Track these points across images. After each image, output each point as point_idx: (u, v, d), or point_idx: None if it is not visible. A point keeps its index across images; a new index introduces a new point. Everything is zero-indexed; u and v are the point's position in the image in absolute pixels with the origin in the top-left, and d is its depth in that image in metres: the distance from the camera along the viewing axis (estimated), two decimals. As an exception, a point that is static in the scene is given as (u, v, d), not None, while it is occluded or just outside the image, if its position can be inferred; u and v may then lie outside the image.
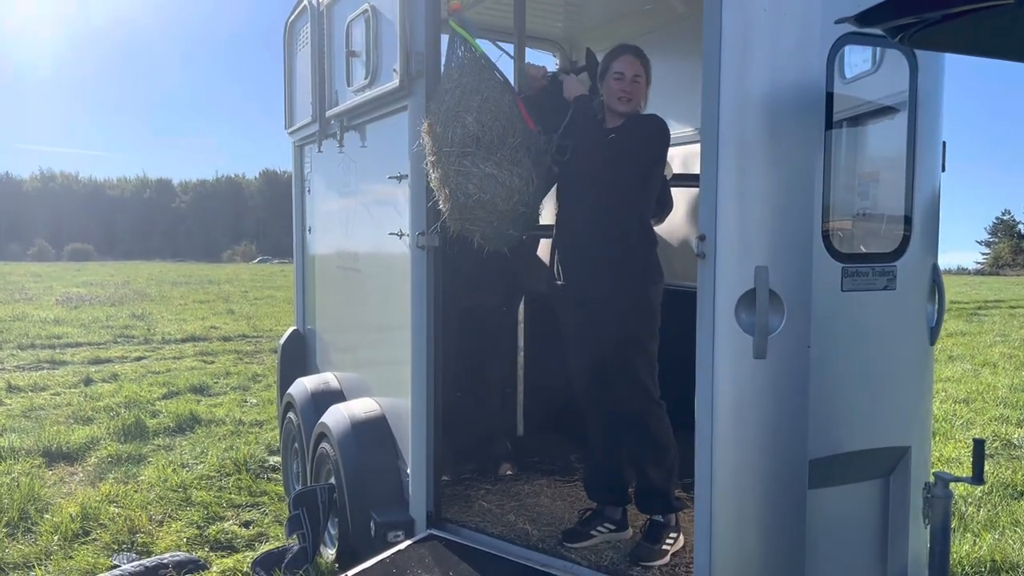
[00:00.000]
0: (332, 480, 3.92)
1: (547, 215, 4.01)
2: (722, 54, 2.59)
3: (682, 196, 4.23)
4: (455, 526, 3.55)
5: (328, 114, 4.38)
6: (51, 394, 8.63)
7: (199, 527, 4.77)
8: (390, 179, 3.64)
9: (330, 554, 3.96)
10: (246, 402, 8.36)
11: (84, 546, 4.48)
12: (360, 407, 4.00)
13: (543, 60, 5.67)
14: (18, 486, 5.22)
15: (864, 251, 2.87)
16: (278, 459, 5.77)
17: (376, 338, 4.23)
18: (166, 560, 4.12)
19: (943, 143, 2.99)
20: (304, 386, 4.73)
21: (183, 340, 13.07)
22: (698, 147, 2.76)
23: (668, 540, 3.31)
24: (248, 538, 4.64)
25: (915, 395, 2.92)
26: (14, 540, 4.56)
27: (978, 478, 2.74)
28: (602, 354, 3.37)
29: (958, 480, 2.83)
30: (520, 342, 4.67)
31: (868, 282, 2.70)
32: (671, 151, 3.54)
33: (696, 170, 2.77)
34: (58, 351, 11.57)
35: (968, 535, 4.61)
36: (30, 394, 8.59)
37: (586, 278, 3.36)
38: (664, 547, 3.28)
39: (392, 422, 3.86)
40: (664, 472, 3.35)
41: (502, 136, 3.08)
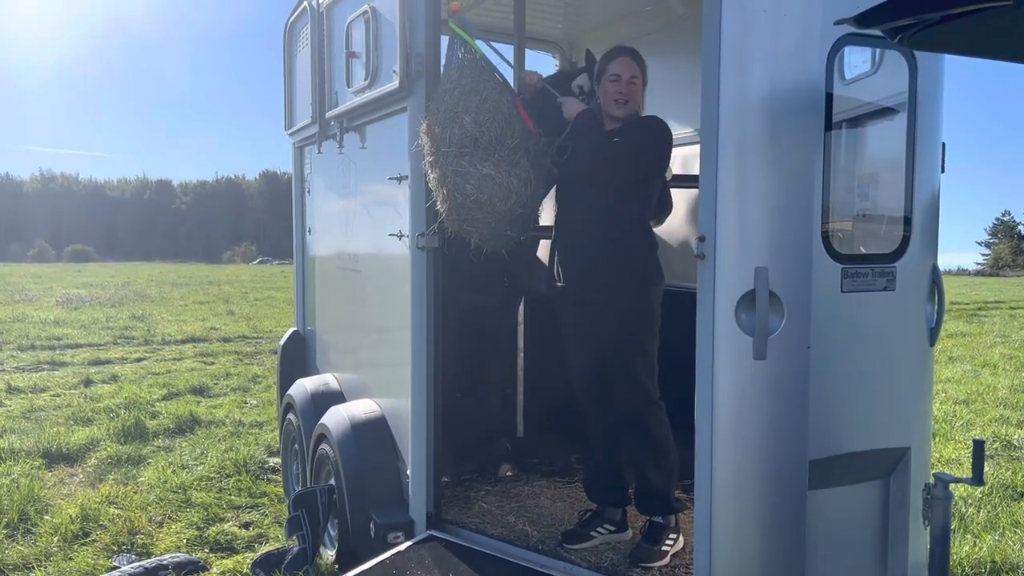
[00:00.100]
0: (332, 481, 3.92)
1: (547, 216, 4.01)
2: (722, 55, 2.59)
3: (682, 197, 4.22)
4: (455, 527, 3.55)
5: (328, 115, 4.38)
6: (51, 395, 8.63)
7: (199, 528, 4.77)
8: (390, 180, 3.64)
9: (330, 555, 3.96)
10: (246, 403, 8.36)
11: (84, 547, 4.48)
12: (360, 408, 4.01)
13: (543, 61, 5.67)
14: (18, 487, 5.22)
15: (864, 252, 2.87)
16: (278, 460, 5.77)
17: (376, 339, 4.23)
18: (166, 561, 4.12)
19: (943, 144, 2.99)
20: (304, 387, 4.73)
21: (183, 341, 13.07)
22: (698, 148, 2.76)
23: (668, 541, 3.31)
24: (248, 539, 4.64)
25: (915, 396, 2.92)
26: (14, 541, 4.56)
27: (978, 479, 2.74)
28: (602, 355, 3.37)
29: (958, 481, 2.83)
30: (520, 343, 4.66)
31: (868, 283, 2.70)
32: (671, 152, 3.54)
33: (696, 171, 2.78)
34: (58, 352, 11.57)
35: (968, 536, 4.61)
36: (30, 395, 8.59)
37: (586, 279, 3.36)
38: (664, 548, 3.28)
39: (392, 423, 3.86)
40: (664, 473, 3.35)
41: (500, 137, 3.08)
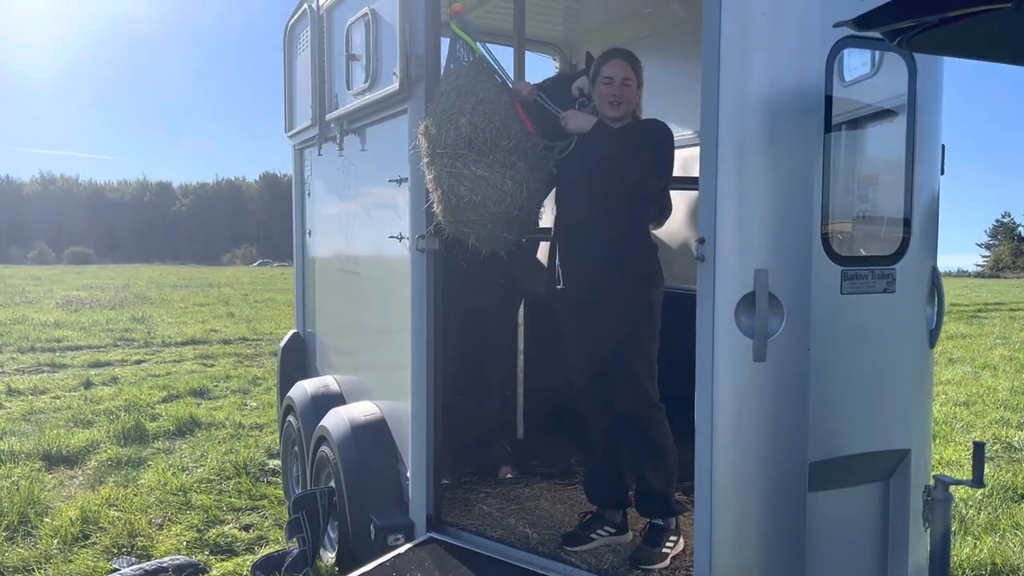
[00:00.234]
0: (332, 483, 3.91)
1: (547, 218, 4.01)
2: (721, 57, 2.59)
3: (682, 199, 4.22)
4: (455, 529, 3.55)
5: (328, 117, 4.39)
6: (51, 397, 8.63)
7: (199, 531, 4.77)
8: (390, 182, 3.64)
9: (330, 557, 3.96)
10: (246, 405, 8.35)
11: (84, 550, 4.47)
12: (360, 410, 4.01)
13: (543, 63, 5.68)
14: (18, 489, 5.22)
15: (863, 254, 2.87)
16: (278, 462, 5.77)
17: (376, 341, 4.23)
18: (166, 564, 4.12)
19: (942, 146, 2.99)
20: (304, 389, 4.73)
21: (183, 343, 13.07)
22: (697, 150, 2.76)
23: (668, 543, 3.30)
24: (248, 542, 4.64)
25: (915, 398, 2.92)
26: (14, 544, 4.56)
27: (978, 481, 2.74)
28: (602, 356, 3.37)
29: (958, 483, 2.83)
30: (520, 345, 4.66)
31: (867, 285, 2.70)
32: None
33: (696, 173, 2.77)
34: (58, 354, 11.57)
35: (969, 538, 4.61)
36: (30, 397, 8.59)
37: (585, 281, 3.36)
38: (664, 550, 3.28)
39: (392, 425, 3.86)
40: (664, 475, 3.35)
41: (495, 138, 3.06)
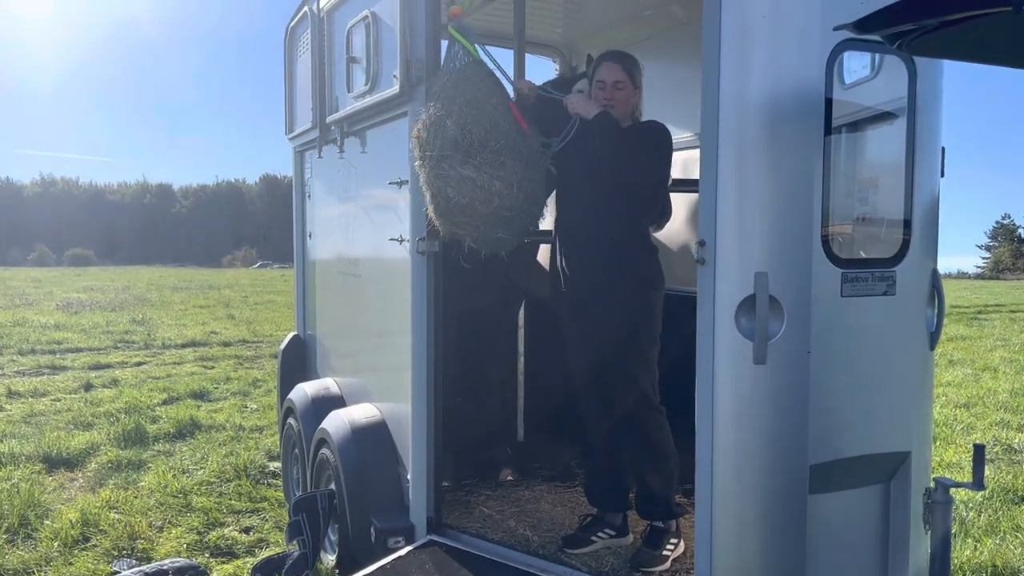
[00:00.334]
0: (332, 486, 3.91)
1: (547, 221, 4.01)
2: (721, 60, 2.60)
3: (682, 201, 4.23)
4: (455, 532, 3.55)
5: (328, 120, 4.39)
6: (51, 400, 8.63)
7: (199, 533, 4.77)
8: (390, 185, 3.64)
9: (330, 560, 3.95)
10: (246, 407, 8.35)
11: (84, 552, 4.48)
12: (360, 413, 4.01)
13: (543, 66, 5.68)
14: (18, 492, 5.22)
15: (864, 256, 2.87)
16: (278, 465, 5.76)
17: (376, 343, 4.23)
18: (166, 566, 4.12)
19: (942, 148, 2.99)
20: (304, 391, 4.73)
21: (183, 345, 13.07)
22: (698, 152, 2.76)
23: (669, 546, 3.30)
24: (248, 544, 4.64)
25: (915, 400, 2.91)
26: (14, 546, 4.56)
27: (978, 483, 2.74)
28: (602, 359, 3.37)
29: (959, 485, 2.83)
30: (520, 347, 4.66)
31: (868, 287, 2.70)
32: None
33: (696, 175, 2.78)
34: (58, 356, 11.57)
35: (969, 540, 4.61)
36: (30, 400, 8.59)
37: (586, 283, 3.36)
38: (665, 553, 3.28)
39: (392, 427, 3.86)
40: (664, 478, 3.35)
41: (483, 139, 3.03)
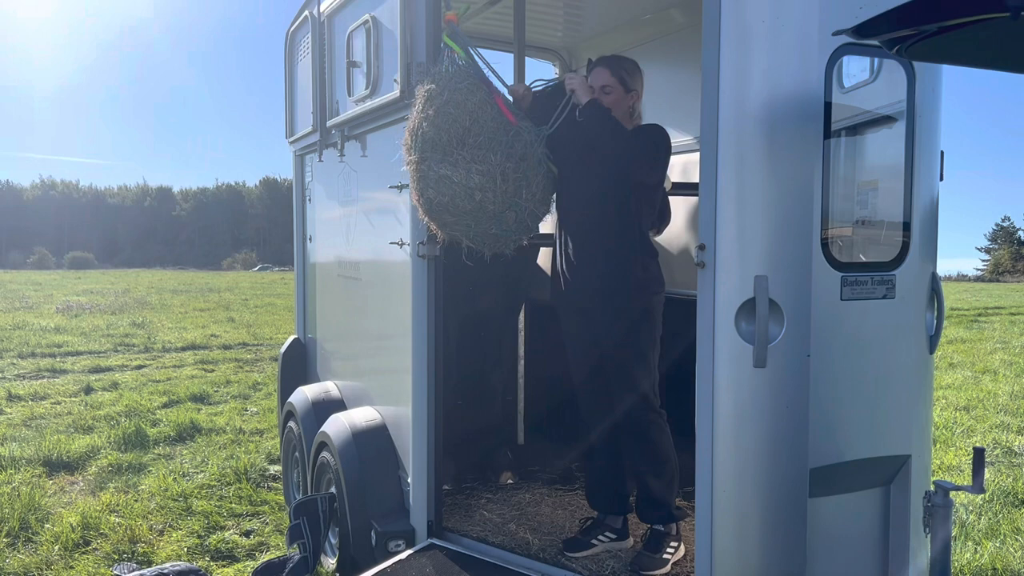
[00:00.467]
0: (333, 489, 3.92)
1: (547, 225, 4.01)
2: (721, 64, 2.60)
3: (682, 205, 4.23)
4: (456, 535, 3.55)
5: (329, 124, 4.40)
6: (51, 403, 8.63)
7: (200, 536, 4.77)
8: (390, 188, 3.65)
9: (331, 563, 3.95)
10: (246, 411, 8.35)
11: (85, 556, 4.47)
12: (361, 416, 4.01)
13: (543, 69, 5.69)
14: (19, 495, 5.22)
15: (863, 260, 2.88)
16: (279, 468, 5.77)
17: (377, 347, 4.23)
18: (167, 570, 4.11)
19: (941, 152, 3.00)
20: (305, 395, 4.73)
21: (183, 348, 13.07)
22: (698, 156, 2.77)
23: (669, 549, 3.30)
24: (249, 547, 4.64)
25: (915, 403, 2.92)
26: (15, 550, 4.56)
27: (978, 487, 2.74)
28: (602, 362, 3.37)
29: (958, 489, 2.83)
30: (521, 350, 4.67)
31: (867, 291, 2.71)
32: (671, 160, 3.54)
33: (696, 179, 2.78)
34: (58, 360, 11.57)
35: (969, 543, 4.61)
36: (30, 403, 8.59)
37: (587, 287, 3.36)
38: (665, 556, 3.28)
39: (393, 431, 3.86)
40: (665, 481, 3.35)
41: (462, 137, 3.01)
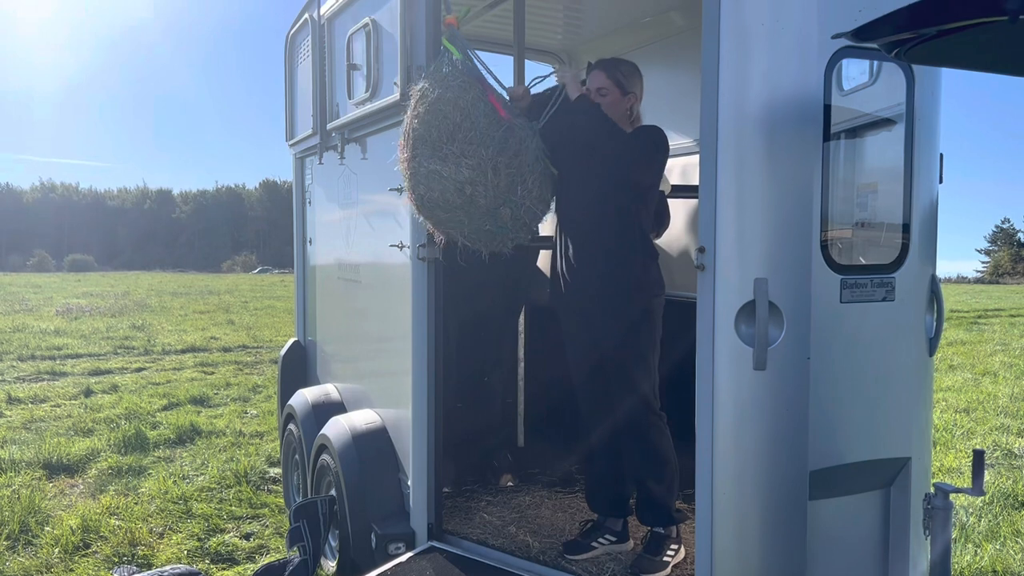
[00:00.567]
0: (333, 492, 3.91)
1: (547, 226, 4.02)
2: (720, 67, 2.61)
3: (682, 207, 4.24)
4: (456, 538, 3.55)
5: (329, 127, 4.40)
6: (51, 406, 8.63)
7: (200, 539, 4.77)
8: (391, 191, 3.65)
9: (331, 566, 3.95)
10: (246, 413, 8.35)
11: (85, 559, 4.47)
12: (361, 418, 4.01)
13: (543, 72, 5.68)
14: (19, 498, 5.22)
15: (863, 262, 2.88)
16: (278, 471, 5.77)
17: (377, 349, 4.23)
18: (167, 573, 4.11)
19: (940, 155, 3.00)
20: (305, 397, 4.73)
21: (183, 351, 13.07)
22: (697, 158, 2.77)
23: (669, 552, 3.30)
24: (249, 550, 4.64)
25: (915, 406, 2.92)
26: (15, 553, 4.56)
27: (978, 489, 2.74)
28: (602, 365, 3.37)
29: (958, 491, 2.83)
30: (521, 352, 4.67)
31: (867, 293, 2.71)
32: (670, 162, 3.55)
33: (696, 181, 2.79)
34: (58, 362, 11.57)
35: (969, 546, 4.61)
36: (30, 406, 8.58)
37: (587, 289, 3.37)
38: (665, 559, 3.28)
39: (393, 434, 3.86)
40: (665, 484, 3.35)
41: (452, 132, 3.00)
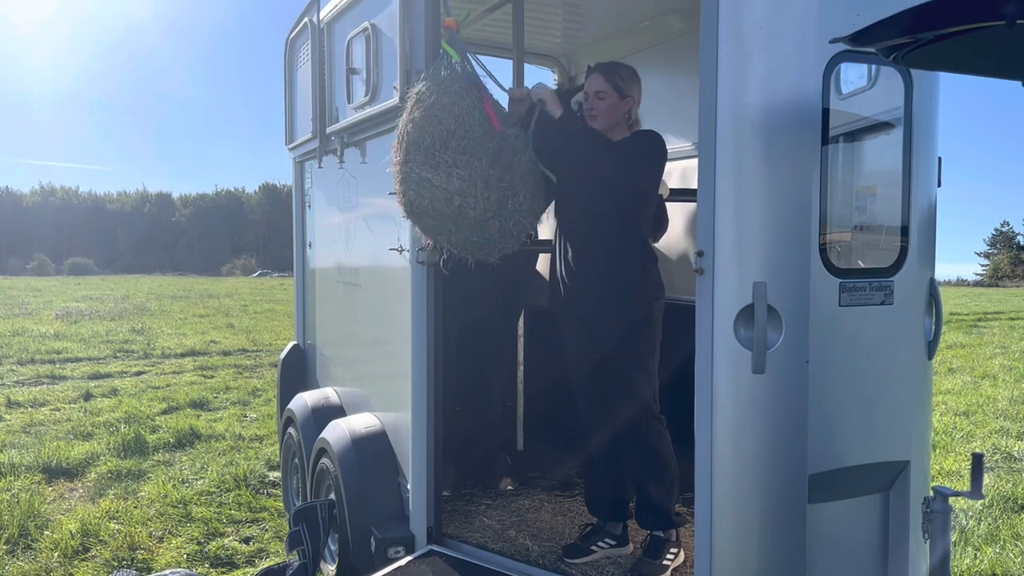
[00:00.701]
0: (332, 496, 3.91)
1: (546, 230, 4.02)
2: (719, 71, 2.61)
3: (681, 211, 4.24)
4: (456, 542, 3.55)
5: (328, 130, 4.41)
6: (51, 409, 8.62)
7: (199, 543, 4.77)
8: (390, 195, 3.65)
9: (330, 570, 3.95)
10: (246, 417, 8.35)
11: (84, 563, 4.47)
12: (360, 422, 4.01)
13: (542, 76, 5.70)
14: (18, 502, 5.21)
15: (861, 266, 2.89)
16: (278, 474, 5.76)
17: (376, 353, 4.23)
18: (166, 577, 4.12)
19: (939, 158, 3.01)
20: (304, 401, 4.73)
21: (183, 355, 13.07)
22: (696, 162, 2.77)
23: (669, 555, 3.30)
24: (248, 554, 4.64)
25: (914, 409, 2.92)
26: (14, 557, 4.56)
27: (977, 493, 2.74)
28: (602, 368, 3.37)
29: (957, 494, 2.83)
30: (520, 356, 4.67)
31: (866, 297, 2.71)
32: (669, 166, 3.55)
33: (694, 185, 2.79)
34: (58, 366, 11.56)
35: (969, 549, 4.61)
36: (30, 409, 8.58)
37: (586, 293, 3.37)
38: (665, 562, 3.28)
39: (392, 437, 3.86)
40: (664, 487, 3.35)
41: (445, 140, 2.98)
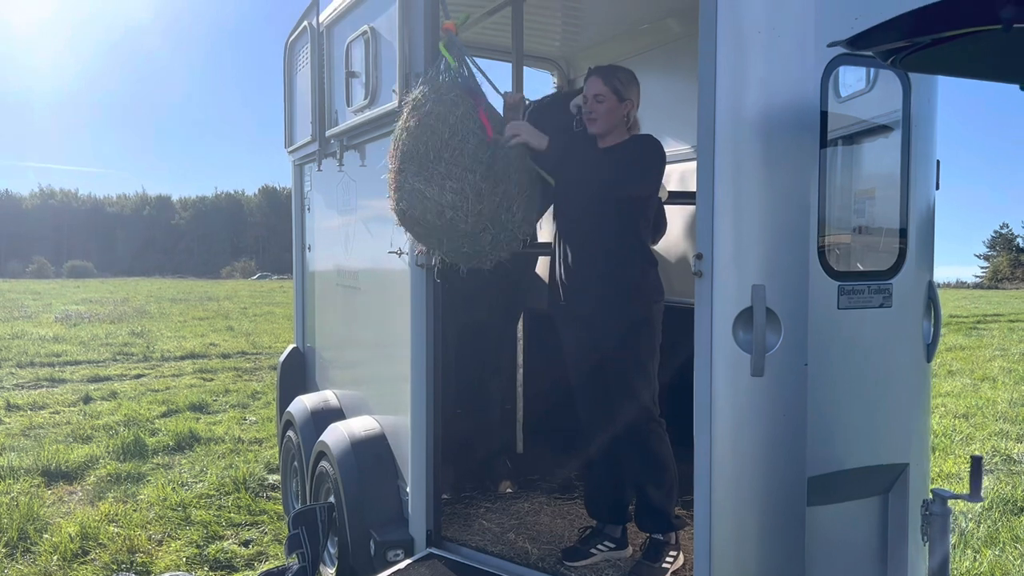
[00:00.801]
0: (331, 499, 3.91)
1: (545, 233, 4.03)
2: (717, 74, 2.62)
3: (680, 213, 4.25)
4: (455, 545, 3.55)
5: (328, 134, 4.41)
6: (50, 412, 8.62)
7: (199, 546, 4.77)
8: (388, 199, 3.66)
9: (330, 573, 3.95)
10: (245, 420, 8.35)
11: (83, 566, 4.47)
12: (360, 425, 4.01)
13: (542, 79, 5.71)
14: (17, 506, 5.21)
15: (860, 268, 2.89)
16: (277, 477, 5.76)
17: (375, 356, 4.24)
18: (165, 580, 4.12)
19: (937, 161, 3.01)
20: (303, 404, 4.73)
21: (182, 357, 13.07)
22: (695, 165, 2.78)
23: (668, 558, 3.30)
24: (247, 557, 4.64)
25: (913, 412, 2.92)
26: (13, 560, 4.55)
27: (976, 495, 2.74)
28: (601, 371, 3.38)
29: (956, 497, 2.83)
30: (520, 359, 4.67)
31: (864, 300, 2.72)
32: (668, 168, 3.56)
33: (693, 188, 2.80)
34: (57, 369, 11.56)
35: (968, 551, 4.61)
36: (29, 412, 8.58)
37: (586, 296, 3.37)
38: (664, 565, 3.28)
39: (392, 440, 3.86)
40: (664, 490, 3.35)
41: (439, 150, 2.97)
